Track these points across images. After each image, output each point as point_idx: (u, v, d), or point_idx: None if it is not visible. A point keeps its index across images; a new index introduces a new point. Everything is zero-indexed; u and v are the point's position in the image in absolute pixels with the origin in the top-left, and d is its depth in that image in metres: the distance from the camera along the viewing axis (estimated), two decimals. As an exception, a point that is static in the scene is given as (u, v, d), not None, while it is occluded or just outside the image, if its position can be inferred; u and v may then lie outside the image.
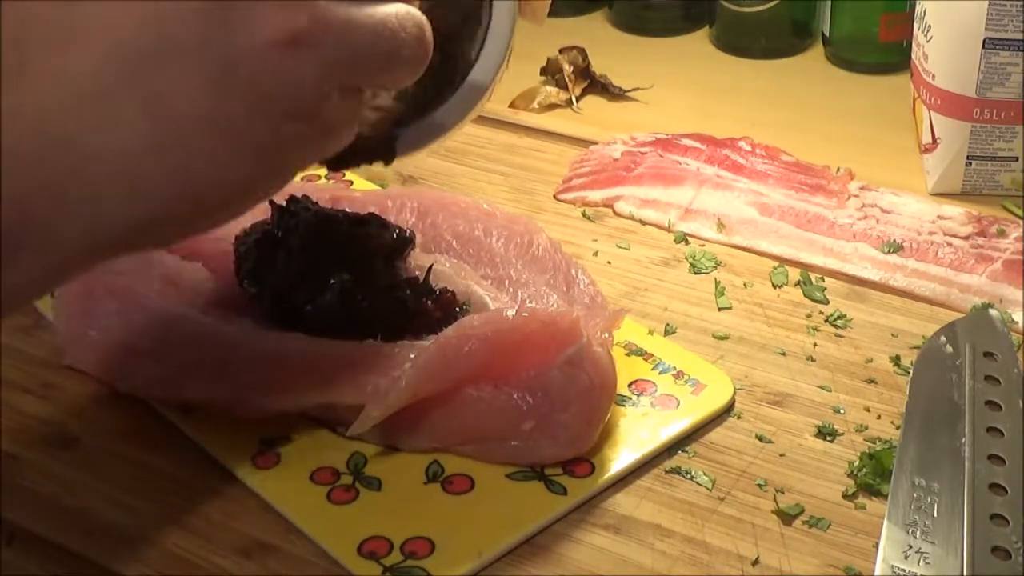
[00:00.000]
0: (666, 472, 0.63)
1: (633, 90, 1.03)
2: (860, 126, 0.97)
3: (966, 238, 0.76)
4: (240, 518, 0.61)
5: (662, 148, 0.87)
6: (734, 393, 0.66)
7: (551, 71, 1.04)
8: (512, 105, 1.00)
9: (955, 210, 0.79)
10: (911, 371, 0.68)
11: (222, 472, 0.63)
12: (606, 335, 0.65)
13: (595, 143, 0.90)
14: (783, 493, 0.61)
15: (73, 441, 0.67)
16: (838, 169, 0.84)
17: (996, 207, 0.84)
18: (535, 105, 1.00)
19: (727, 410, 0.66)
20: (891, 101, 0.99)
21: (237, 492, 0.62)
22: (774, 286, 0.75)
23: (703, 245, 0.80)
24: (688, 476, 0.62)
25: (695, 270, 0.77)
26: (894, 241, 0.77)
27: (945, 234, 0.77)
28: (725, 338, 0.71)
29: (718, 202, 0.81)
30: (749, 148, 0.86)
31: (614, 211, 0.83)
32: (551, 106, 1.01)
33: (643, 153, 0.86)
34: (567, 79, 1.02)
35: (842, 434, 0.64)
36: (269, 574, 0.58)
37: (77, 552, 0.60)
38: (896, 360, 0.69)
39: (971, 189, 0.85)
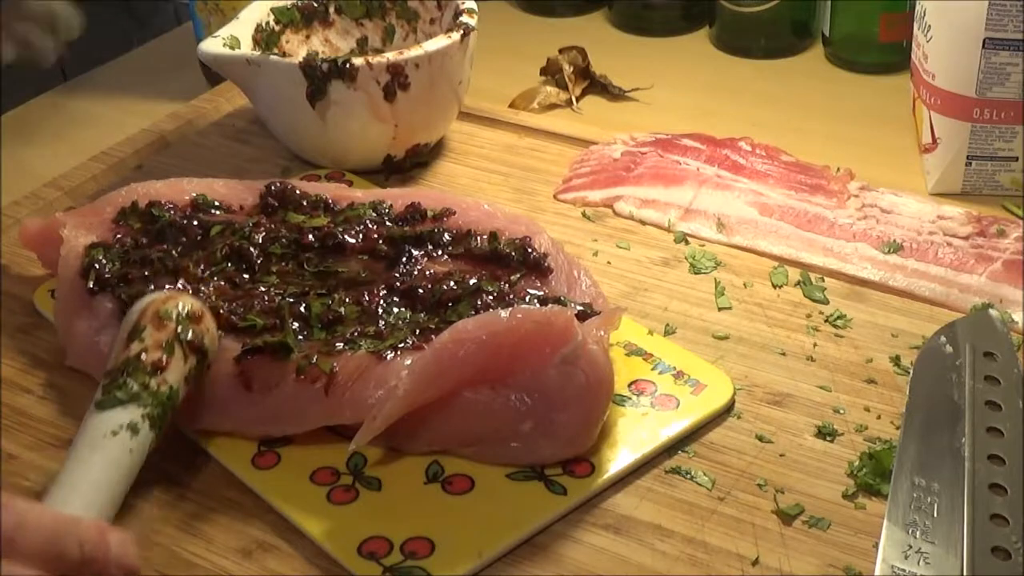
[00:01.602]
0: (666, 472, 0.63)
1: (633, 90, 1.03)
2: (860, 126, 0.97)
3: (966, 238, 0.76)
4: (240, 518, 0.61)
5: (662, 148, 0.87)
6: (734, 393, 0.66)
7: (551, 71, 1.04)
8: (512, 105, 1.00)
9: (955, 210, 0.79)
10: (911, 371, 0.67)
11: (223, 472, 0.63)
12: (602, 333, 0.65)
13: (595, 143, 0.90)
14: (783, 493, 0.61)
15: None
16: (838, 169, 0.84)
17: (996, 207, 0.83)
18: (535, 105, 1.00)
19: (727, 410, 0.66)
20: (891, 101, 0.99)
21: (237, 492, 0.62)
22: (774, 286, 0.75)
23: (703, 245, 0.80)
24: (688, 476, 0.62)
25: (695, 270, 0.77)
26: (894, 241, 0.76)
27: (945, 234, 0.77)
28: (725, 338, 0.71)
29: (718, 202, 0.81)
30: (749, 148, 0.86)
31: (614, 211, 0.83)
32: (551, 106, 1.01)
33: (643, 153, 0.86)
34: (567, 79, 1.02)
35: (842, 434, 0.64)
36: (269, 574, 0.58)
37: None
38: (896, 360, 0.69)
39: (971, 189, 0.85)
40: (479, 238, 0.73)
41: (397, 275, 0.71)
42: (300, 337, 0.66)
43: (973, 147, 0.84)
